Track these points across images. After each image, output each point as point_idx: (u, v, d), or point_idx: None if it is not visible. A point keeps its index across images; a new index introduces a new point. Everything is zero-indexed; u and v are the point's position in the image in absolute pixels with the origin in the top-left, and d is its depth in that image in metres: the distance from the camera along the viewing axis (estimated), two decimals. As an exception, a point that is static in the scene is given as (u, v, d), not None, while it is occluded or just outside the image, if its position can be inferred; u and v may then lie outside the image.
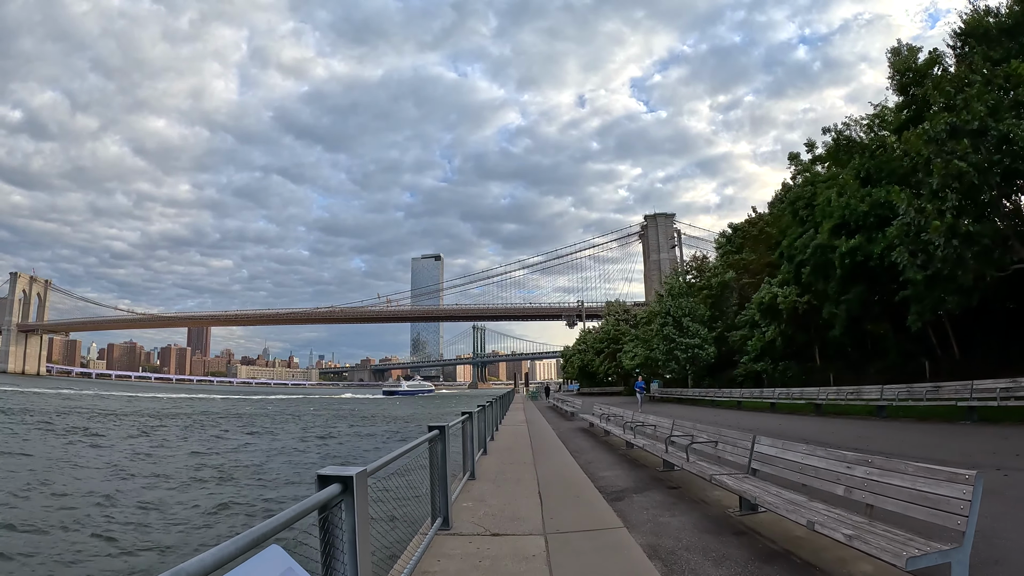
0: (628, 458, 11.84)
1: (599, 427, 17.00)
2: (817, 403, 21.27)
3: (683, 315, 38.39)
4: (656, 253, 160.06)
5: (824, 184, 32.11)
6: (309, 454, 23.92)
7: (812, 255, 27.63)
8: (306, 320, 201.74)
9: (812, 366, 35.93)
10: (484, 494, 7.96)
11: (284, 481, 17.36)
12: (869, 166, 27.76)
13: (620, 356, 53.90)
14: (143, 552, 10.10)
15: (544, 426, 20.87)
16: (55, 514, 12.30)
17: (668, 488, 8.44)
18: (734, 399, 29.18)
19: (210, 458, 21.55)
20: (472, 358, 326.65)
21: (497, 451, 12.72)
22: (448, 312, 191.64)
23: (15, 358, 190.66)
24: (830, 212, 28.93)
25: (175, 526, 11.76)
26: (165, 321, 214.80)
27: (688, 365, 37.92)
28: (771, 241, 42.69)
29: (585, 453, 12.86)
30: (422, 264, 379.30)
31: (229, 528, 11.61)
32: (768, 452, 6.74)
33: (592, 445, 14.44)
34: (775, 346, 35.20)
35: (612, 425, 14.94)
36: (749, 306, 42.38)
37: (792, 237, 34.61)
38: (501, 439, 15.40)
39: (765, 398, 26.02)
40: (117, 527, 11.51)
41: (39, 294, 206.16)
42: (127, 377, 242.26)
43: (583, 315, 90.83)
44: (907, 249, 19.19)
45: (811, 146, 39.34)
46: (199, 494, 14.79)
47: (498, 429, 17.66)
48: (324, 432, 33.98)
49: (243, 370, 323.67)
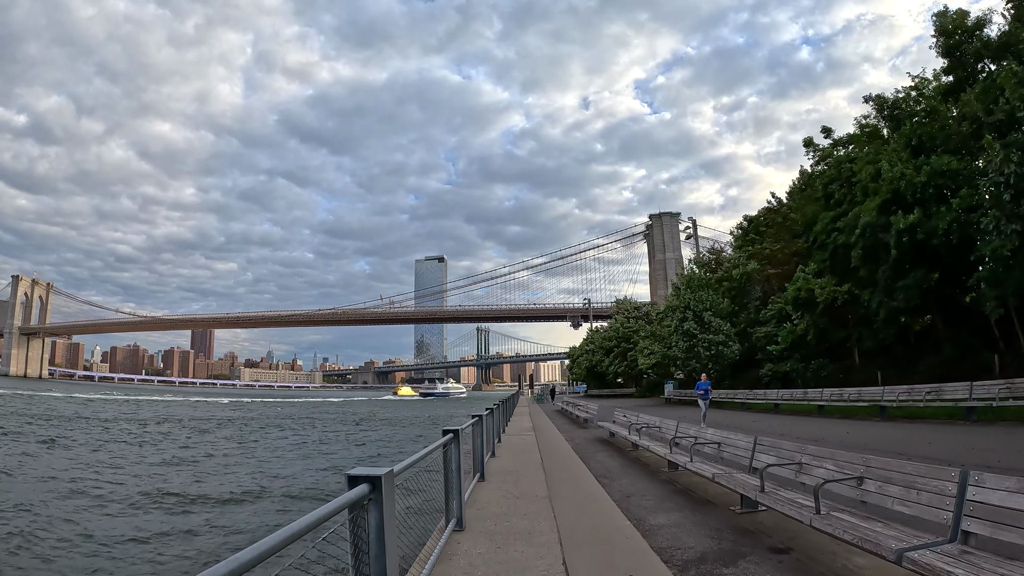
0: (679, 488, 8.56)
1: (621, 437, 13.75)
2: (882, 405, 17.81)
3: (704, 309, 34.91)
4: (662, 253, 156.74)
5: (865, 159, 28.76)
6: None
7: (860, 237, 24.15)
8: (308, 322, 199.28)
9: (850, 364, 32.46)
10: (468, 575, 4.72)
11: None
12: (921, 133, 24.38)
13: (632, 355, 50.40)
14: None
15: (555, 436, 17.59)
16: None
17: (774, 553, 5.15)
18: (769, 401, 25.73)
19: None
20: (476, 360, 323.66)
21: (498, 475, 9.47)
22: (451, 313, 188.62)
23: (17, 361, 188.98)
24: (876, 189, 25.55)
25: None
26: (167, 323, 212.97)
27: (711, 364, 34.45)
28: (795, 229, 39.26)
29: (616, 479, 9.58)
30: (425, 266, 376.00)
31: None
32: (1000, 502, 3.47)
33: (622, 466, 11.14)
34: (806, 341, 31.75)
35: (649, 439, 11.61)
36: (775, 300, 38.99)
37: (825, 221, 31.25)
38: (504, 455, 12.15)
39: (810, 400, 22.55)
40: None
41: (41, 297, 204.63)
42: (130, 380, 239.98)
43: (590, 315, 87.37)
44: (1001, 214, 15.74)
45: (828, 132, 36.74)
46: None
47: (500, 441, 14.40)
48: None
49: (246, 373, 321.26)
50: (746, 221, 53.49)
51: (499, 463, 10.86)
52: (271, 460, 22.25)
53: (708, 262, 45.74)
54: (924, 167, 22.34)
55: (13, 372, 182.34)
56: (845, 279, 29.68)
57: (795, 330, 30.58)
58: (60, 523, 11.69)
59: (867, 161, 28.70)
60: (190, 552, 10.16)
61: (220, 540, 10.94)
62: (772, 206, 43.21)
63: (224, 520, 12.33)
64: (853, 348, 31.88)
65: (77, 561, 9.67)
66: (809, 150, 39.55)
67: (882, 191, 24.47)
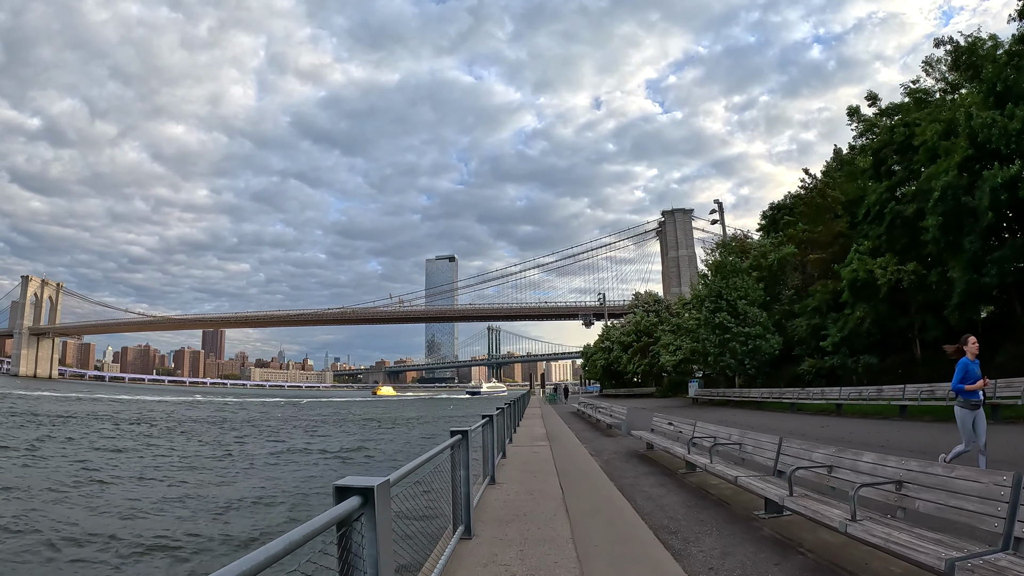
0: (824, 564, 4.76)
1: (662, 449, 10.00)
2: (995, 403, 13.73)
3: (739, 297, 30.83)
4: (675, 250, 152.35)
5: (929, 118, 24.71)
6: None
7: (937, 202, 20.03)
8: (317, 321, 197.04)
9: (909, 357, 28.30)
10: None
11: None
12: (1007, 78, 20.28)
13: (654, 350, 46.33)
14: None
15: (575, 448, 13.83)
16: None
17: None
18: (828, 401, 21.65)
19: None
20: (487, 359, 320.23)
21: (492, 524, 5.74)
22: (462, 312, 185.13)
23: (27, 361, 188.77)
24: (949, 147, 21.50)
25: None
26: (177, 323, 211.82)
27: (747, 360, 30.40)
28: (837, 208, 35.11)
29: (688, 535, 5.79)
30: (436, 265, 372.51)
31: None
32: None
33: (686, 505, 7.32)
34: (860, 332, 27.64)
35: (722, 461, 7.80)
36: (815, 288, 34.90)
37: (879, 191, 27.23)
38: (509, 478, 8.43)
39: (885, 399, 18.39)
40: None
41: (51, 297, 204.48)
42: (140, 380, 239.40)
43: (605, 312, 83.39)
44: None
45: (873, 99, 32.93)
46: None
47: (505, 456, 10.71)
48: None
49: (257, 373, 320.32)
50: (771, 209, 49.65)
51: (498, 495, 7.17)
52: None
53: (733, 250, 41.60)
54: (1018, 112, 18.27)
55: (23, 372, 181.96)
56: (906, 257, 25.63)
57: (848, 320, 26.48)
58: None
59: (931, 119, 24.72)
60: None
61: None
62: (808, 184, 39.02)
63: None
64: (914, 339, 27.75)
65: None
66: (852, 120, 35.71)
67: (959, 148, 20.44)
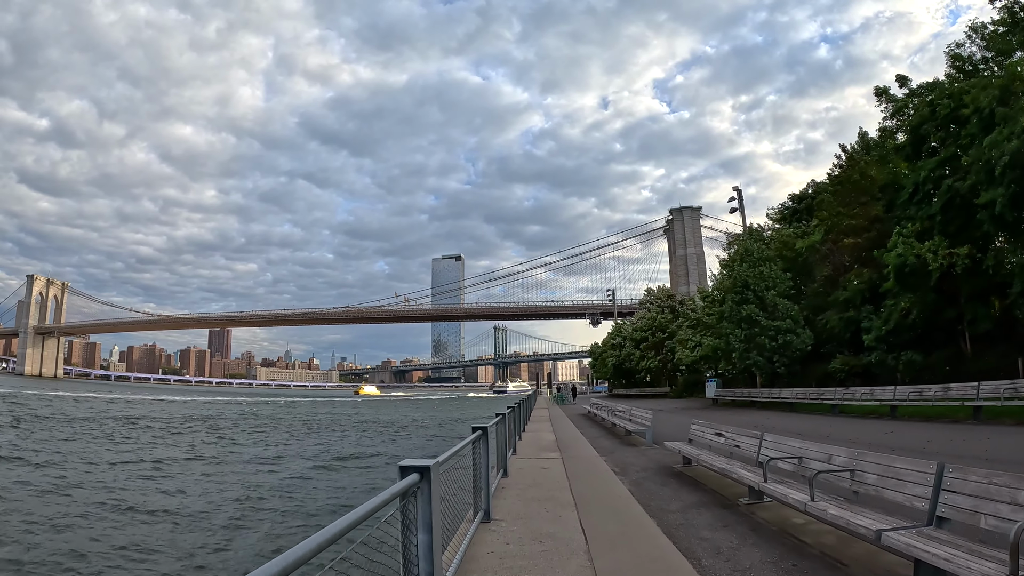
0: None
1: (704, 466, 7.55)
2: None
3: (767, 288, 28.16)
4: (683, 248, 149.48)
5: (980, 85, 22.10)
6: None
7: (1004, 172, 17.36)
8: (323, 320, 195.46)
9: (956, 353, 25.58)
10: None
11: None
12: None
13: (670, 346, 43.62)
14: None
15: (594, 463, 11.35)
16: None
17: None
18: (881, 403, 18.96)
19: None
20: (494, 359, 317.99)
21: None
22: (468, 311, 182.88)
23: (32, 361, 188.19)
24: (1006, 115, 18.91)
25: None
26: (182, 322, 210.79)
27: (776, 356, 27.74)
28: (874, 190, 32.38)
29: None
30: (443, 265, 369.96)
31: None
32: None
33: (776, 564, 4.85)
34: (904, 325, 24.94)
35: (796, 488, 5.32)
36: (847, 279, 32.19)
37: (927, 168, 24.62)
38: (507, 509, 5.99)
39: (955, 398, 15.74)
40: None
41: (56, 296, 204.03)
42: (146, 379, 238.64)
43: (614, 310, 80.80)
44: None
45: (903, 80, 31.08)
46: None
47: (506, 474, 8.27)
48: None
49: (263, 372, 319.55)
50: (791, 200, 46.98)
51: (492, 545, 4.75)
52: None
53: (755, 241, 38.86)
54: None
55: (28, 372, 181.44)
56: (957, 240, 22.97)
57: (893, 311, 23.82)
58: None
59: (982, 87, 22.13)
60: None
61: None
62: (843, 161, 36.27)
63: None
64: (963, 332, 25.04)
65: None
66: (881, 100, 33.28)
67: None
